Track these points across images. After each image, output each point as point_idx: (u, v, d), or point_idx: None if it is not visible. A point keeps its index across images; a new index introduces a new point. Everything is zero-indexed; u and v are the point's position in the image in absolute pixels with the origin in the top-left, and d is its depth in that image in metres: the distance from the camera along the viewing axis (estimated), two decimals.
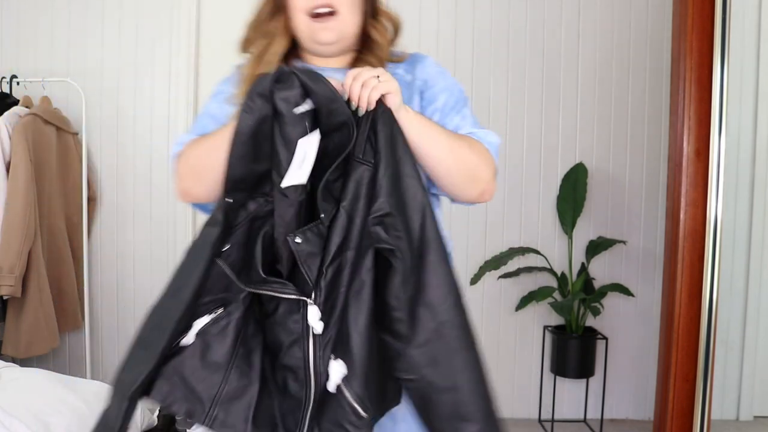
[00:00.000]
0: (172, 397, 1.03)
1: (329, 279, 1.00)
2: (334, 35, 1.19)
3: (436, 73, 1.27)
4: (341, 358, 1.02)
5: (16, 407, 1.75)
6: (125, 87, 3.07)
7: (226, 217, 1.03)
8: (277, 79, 0.99)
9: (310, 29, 1.18)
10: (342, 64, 1.23)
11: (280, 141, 0.99)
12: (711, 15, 2.23)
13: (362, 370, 1.01)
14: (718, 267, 2.24)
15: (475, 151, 1.16)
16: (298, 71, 0.99)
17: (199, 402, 1.03)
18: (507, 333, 3.12)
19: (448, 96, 1.24)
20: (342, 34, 1.19)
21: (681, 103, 2.30)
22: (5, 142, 2.60)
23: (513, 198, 3.07)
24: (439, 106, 1.23)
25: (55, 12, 3.06)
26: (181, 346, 1.03)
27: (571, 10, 3.05)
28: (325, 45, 1.20)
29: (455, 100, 1.24)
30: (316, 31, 1.18)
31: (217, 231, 1.02)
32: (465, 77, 3.04)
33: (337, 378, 1.01)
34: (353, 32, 1.21)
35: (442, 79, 1.26)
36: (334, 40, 1.20)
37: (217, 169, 1.05)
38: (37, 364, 2.91)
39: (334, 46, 1.21)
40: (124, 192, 3.10)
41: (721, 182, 2.24)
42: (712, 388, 2.28)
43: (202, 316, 1.03)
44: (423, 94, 1.24)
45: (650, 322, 3.07)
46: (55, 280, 2.81)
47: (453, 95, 1.25)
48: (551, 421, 3.02)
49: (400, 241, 1.02)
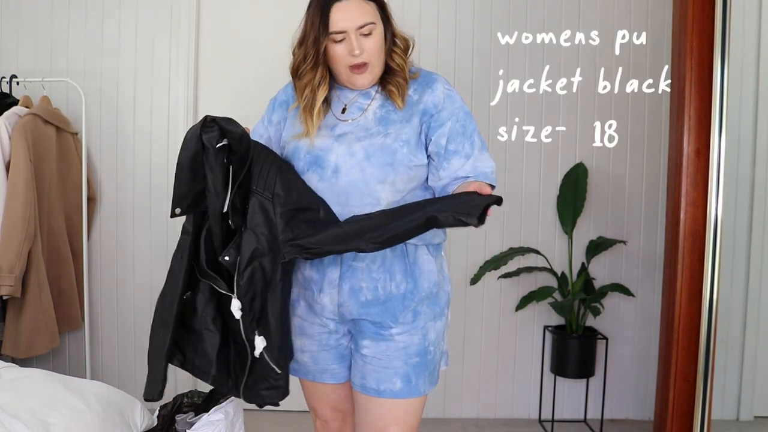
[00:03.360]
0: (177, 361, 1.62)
1: (246, 279, 1.44)
2: (368, 81, 1.52)
3: (445, 97, 1.52)
4: (263, 335, 1.47)
5: (15, 407, 1.75)
6: (125, 87, 3.07)
7: (193, 226, 1.52)
8: (203, 125, 1.40)
9: (349, 77, 1.52)
10: (368, 88, 1.56)
11: (208, 167, 1.42)
12: (711, 15, 2.23)
13: (276, 342, 1.48)
14: (718, 267, 2.24)
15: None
16: (218, 119, 1.41)
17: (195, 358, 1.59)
18: (507, 333, 3.12)
19: (454, 122, 1.50)
20: (373, 78, 1.52)
21: (681, 103, 2.30)
22: (5, 142, 2.60)
23: (513, 198, 3.07)
24: (446, 131, 1.50)
25: (55, 12, 3.06)
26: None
27: (571, 9, 3.05)
28: (361, 87, 1.54)
29: (461, 126, 1.51)
30: (354, 79, 1.52)
31: (188, 237, 1.52)
32: (465, 77, 3.04)
33: (260, 348, 1.47)
34: (380, 71, 1.53)
35: (450, 104, 1.52)
36: (368, 84, 1.53)
37: None
38: (37, 364, 2.91)
39: (367, 86, 1.54)
40: (124, 192, 3.10)
41: (721, 182, 2.23)
42: (713, 388, 2.28)
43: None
44: (431, 116, 1.51)
45: (650, 322, 3.07)
46: (55, 280, 2.81)
47: (459, 120, 1.51)
48: (551, 421, 3.02)
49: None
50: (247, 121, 3.37)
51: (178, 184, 1.49)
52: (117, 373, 3.13)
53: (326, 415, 1.70)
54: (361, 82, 1.51)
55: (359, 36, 1.46)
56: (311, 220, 1.46)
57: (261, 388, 1.53)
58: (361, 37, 1.46)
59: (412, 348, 1.50)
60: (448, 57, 3.05)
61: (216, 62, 3.11)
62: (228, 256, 1.44)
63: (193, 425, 2.02)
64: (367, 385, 1.52)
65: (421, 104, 1.51)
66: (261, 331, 1.47)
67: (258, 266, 1.43)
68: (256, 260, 1.43)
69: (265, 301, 1.46)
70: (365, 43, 1.46)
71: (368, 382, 1.51)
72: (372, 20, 1.47)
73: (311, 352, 1.59)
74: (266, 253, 1.43)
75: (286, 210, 1.44)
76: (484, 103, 3.05)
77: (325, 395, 1.66)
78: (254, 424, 2.91)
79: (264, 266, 1.44)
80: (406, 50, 1.55)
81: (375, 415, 1.53)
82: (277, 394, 1.53)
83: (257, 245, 1.43)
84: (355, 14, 1.45)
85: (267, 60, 3.10)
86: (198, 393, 2.22)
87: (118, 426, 1.91)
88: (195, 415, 2.13)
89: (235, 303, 1.44)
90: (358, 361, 1.54)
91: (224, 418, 2.00)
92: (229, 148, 1.42)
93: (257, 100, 3.11)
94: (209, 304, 1.52)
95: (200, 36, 3.09)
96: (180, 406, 2.19)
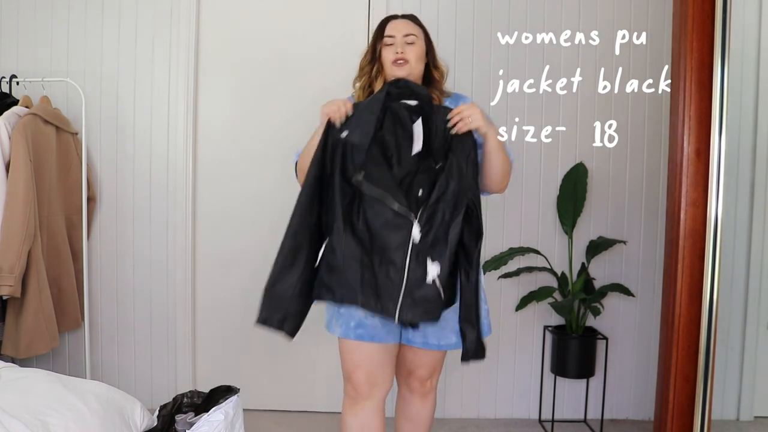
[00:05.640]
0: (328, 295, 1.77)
1: (428, 213, 1.70)
2: (406, 72, 1.92)
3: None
4: (438, 261, 1.68)
5: (15, 407, 1.75)
6: (125, 87, 3.07)
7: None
8: (395, 83, 1.85)
9: (391, 70, 1.93)
10: None
11: (395, 120, 1.81)
12: (711, 15, 2.23)
13: (446, 272, 1.69)
14: (718, 267, 2.24)
15: (508, 164, 1.93)
16: (410, 82, 1.85)
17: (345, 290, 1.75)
18: (507, 333, 3.12)
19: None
20: (411, 74, 1.92)
21: (681, 103, 2.30)
22: (5, 142, 2.60)
23: (513, 198, 3.07)
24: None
25: (55, 12, 3.06)
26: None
27: (571, 9, 3.05)
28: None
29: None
30: (394, 71, 1.92)
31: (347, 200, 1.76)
32: (465, 77, 3.05)
33: (434, 274, 1.68)
34: (418, 74, 1.96)
35: None
36: (406, 76, 1.91)
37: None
38: (37, 364, 2.91)
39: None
40: (124, 192, 3.10)
41: (722, 182, 2.23)
42: (713, 388, 2.28)
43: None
44: None
45: (650, 322, 3.07)
46: (55, 280, 2.81)
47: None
48: (551, 421, 3.02)
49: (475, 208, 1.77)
50: (247, 121, 3.40)
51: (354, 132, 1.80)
52: (117, 373, 3.13)
53: (360, 380, 1.91)
54: (399, 74, 1.90)
55: (405, 43, 1.94)
56: None
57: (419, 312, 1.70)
58: (405, 44, 1.94)
59: (454, 307, 1.83)
60: (448, 57, 3.04)
61: (216, 62, 3.11)
62: (421, 191, 1.74)
63: (193, 425, 2.02)
64: (429, 341, 1.90)
65: None
66: (436, 258, 1.69)
67: (443, 206, 1.71)
68: (443, 202, 1.71)
69: (447, 233, 1.72)
70: (408, 48, 1.94)
71: (429, 339, 1.90)
72: (415, 33, 1.96)
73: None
74: (449, 200, 1.72)
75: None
76: (484, 103, 3.05)
77: (368, 358, 1.89)
78: (254, 424, 2.91)
79: (449, 206, 1.71)
80: (442, 74, 2.02)
81: (409, 357, 1.98)
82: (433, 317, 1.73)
83: (444, 192, 1.72)
84: (403, 27, 1.97)
85: (267, 60, 3.10)
86: (198, 393, 2.23)
87: (118, 426, 1.91)
88: (195, 415, 2.13)
89: (416, 228, 1.68)
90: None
91: (224, 418, 2.00)
92: (419, 109, 1.83)
93: (257, 100, 3.13)
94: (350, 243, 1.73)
95: (200, 36, 3.09)
96: (180, 406, 2.19)
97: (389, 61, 1.93)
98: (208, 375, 3.15)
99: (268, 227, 2.95)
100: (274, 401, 3.19)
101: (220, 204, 3.14)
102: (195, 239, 3.13)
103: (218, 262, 3.15)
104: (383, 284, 1.68)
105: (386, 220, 1.68)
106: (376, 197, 1.69)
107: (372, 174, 1.72)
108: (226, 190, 3.13)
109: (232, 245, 3.14)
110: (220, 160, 3.11)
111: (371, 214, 1.69)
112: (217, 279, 3.15)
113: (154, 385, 3.14)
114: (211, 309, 3.16)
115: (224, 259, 3.14)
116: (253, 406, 3.11)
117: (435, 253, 1.67)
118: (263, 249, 2.30)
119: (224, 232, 3.14)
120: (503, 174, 1.91)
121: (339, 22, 3.08)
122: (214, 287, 3.16)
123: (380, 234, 1.68)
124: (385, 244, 1.68)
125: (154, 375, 3.15)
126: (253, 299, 1.85)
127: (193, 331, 3.15)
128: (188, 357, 3.13)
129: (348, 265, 1.70)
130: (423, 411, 2.07)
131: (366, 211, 1.70)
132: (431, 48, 2.01)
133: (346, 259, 1.70)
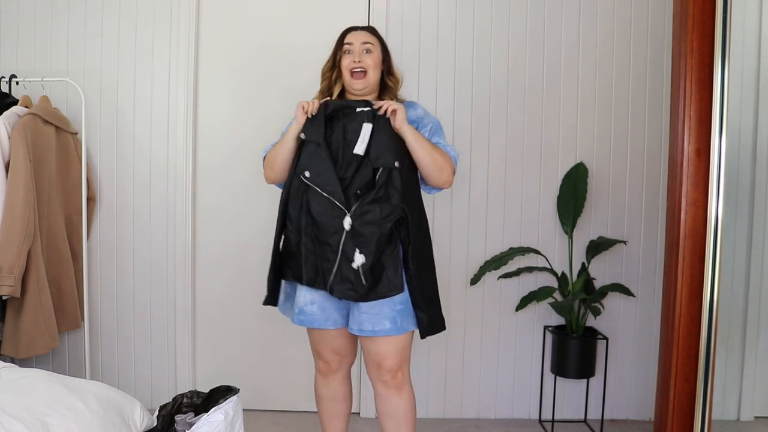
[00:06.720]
0: None
1: (362, 211, 1.95)
2: (362, 85, 2.13)
3: (423, 114, 2.18)
4: (363, 254, 1.94)
5: (15, 407, 1.75)
6: (125, 87, 3.07)
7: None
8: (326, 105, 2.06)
9: (349, 81, 2.13)
10: (369, 98, 2.16)
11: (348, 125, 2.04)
12: (711, 15, 2.23)
13: (369, 265, 1.95)
14: (718, 267, 2.24)
15: (442, 156, 2.08)
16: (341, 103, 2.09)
17: None
18: (507, 333, 3.12)
19: (431, 127, 2.15)
20: (367, 84, 2.14)
21: (681, 103, 2.30)
22: (4, 142, 2.60)
23: (513, 198, 3.07)
24: (428, 130, 2.13)
25: (55, 12, 3.06)
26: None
27: (571, 9, 3.05)
28: (357, 90, 2.14)
29: (435, 129, 2.15)
30: (352, 83, 2.13)
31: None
32: (465, 77, 3.04)
33: (359, 263, 1.94)
34: (375, 83, 2.15)
35: (427, 118, 2.17)
36: (363, 88, 2.14)
37: (280, 163, 2.10)
38: (37, 364, 2.91)
39: (362, 91, 2.15)
40: (124, 192, 3.10)
41: (722, 182, 2.23)
42: (713, 388, 2.27)
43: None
44: (417, 124, 2.12)
45: (650, 322, 3.07)
46: (55, 280, 2.81)
47: (434, 126, 2.15)
48: (551, 421, 3.02)
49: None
50: (247, 120, 3.39)
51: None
52: (117, 373, 3.13)
53: (327, 357, 2.21)
54: (358, 86, 2.12)
55: (362, 51, 2.12)
56: None
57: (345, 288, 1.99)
58: (363, 53, 2.12)
59: (396, 298, 2.02)
60: (448, 56, 3.05)
61: (216, 62, 3.11)
62: (360, 191, 1.98)
63: (192, 425, 2.02)
64: (364, 328, 2.03)
65: (408, 118, 2.10)
66: (362, 250, 1.95)
67: (374, 209, 1.96)
68: (376, 204, 1.96)
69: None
70: (365, 56, 2.12)
71: (364, 326, 2.02)
72: (372, 42, 2.14)
73: (319, 303, 2.07)
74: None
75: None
76: (484, 103, 3.05)
77: (330, 340, 2.16)
78: (254, 424, 2.91)
79: (377, 212, 1.96)
80: (397, 81, 2.21)
81: (373, 350, 2.09)
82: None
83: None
84: (361, 36, 2.15)
85: (267, 59, 3.10)
86: (198, 393, 2.22)
87: (117, 426, 1.91)
88: (195, 415, 2.13)
89: (347, 220, 1.94)
90: (354, 312, 2.04)
91: (224, 418, 2.00)
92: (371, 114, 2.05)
93: (257, 99, 3.13)
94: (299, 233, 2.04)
95: (200, 35, 3.09)
96: (180, 406, 2.19)
97: (347, 69, 2.12)
98: (207, 375, 3.15)
99: (267, 227, 2.94)
100: (274, 401, 3.19)
101: (220, 204, 3.14)
102: (195, 239, 3.13)
103: (218, 262, 3.15)
104: (322, 264, 1.98)
105: (325, 210, 1.97)
106: (319, 191, 1.97)
107: (318, 170, 1.99)
108: (226, 189, 3.13)
109: (232, 244, 3.13)
110: (220, 159, 3.11)
111: (314, 204, 1.99)
112: (216, 278, 3.15)
113: (153, 385, 3.14)
114: (211, 309, 3.16)
115: (224, 258, 3.14)
116: (253, 406, 3.11)
117: (362, 246, 1.94)
118: (263, 248, 2.30)
119: (224, 231, 3.14)
120: (437, 170, 2.05)
121: (339, 22, 3.07)
122: (213, 287, 3.15)
123: (321, 223, 1.97)
124: (325, 230, 1.97)
125: (153, 375, 3.15)
126: (253, 299, 1.85)
127: (192, 331, 3.15)
128: (188, 357, 3.13)
129: (297, 250, 2.03)
130: (401, 404, 2.14)
131: (310, 203, 1.99)
132: (387, 57, 2.20)
133: (295, 244, 2.04)
